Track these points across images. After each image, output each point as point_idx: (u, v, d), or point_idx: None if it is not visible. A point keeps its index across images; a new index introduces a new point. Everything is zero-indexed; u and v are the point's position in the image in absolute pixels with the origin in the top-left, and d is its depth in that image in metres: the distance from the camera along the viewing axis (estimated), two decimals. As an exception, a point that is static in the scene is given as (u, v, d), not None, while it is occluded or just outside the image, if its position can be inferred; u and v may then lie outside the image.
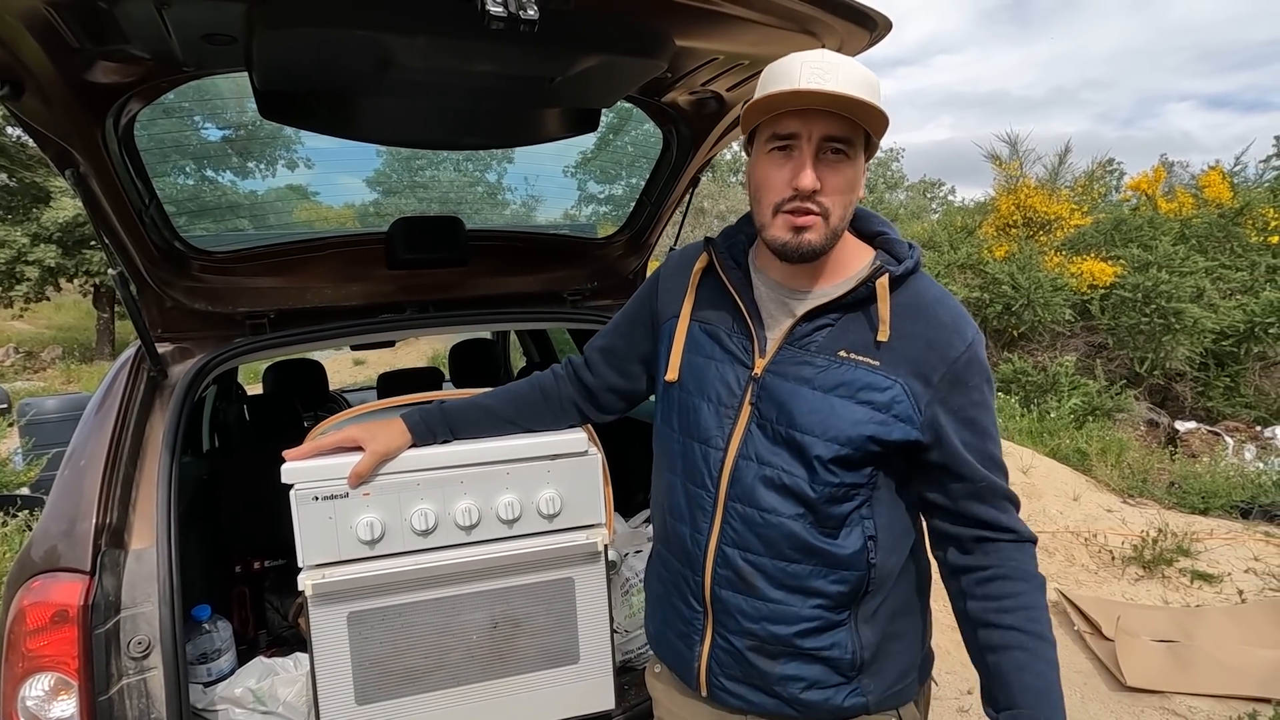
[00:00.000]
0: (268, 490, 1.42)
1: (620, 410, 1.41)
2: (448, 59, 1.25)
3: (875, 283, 1.04)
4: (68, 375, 14.88)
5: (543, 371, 1.44)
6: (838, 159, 0.99)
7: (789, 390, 1.05)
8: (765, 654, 1.10)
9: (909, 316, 1.05)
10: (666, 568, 1.21)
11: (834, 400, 1.03)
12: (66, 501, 1.39)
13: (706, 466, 1.11)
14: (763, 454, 1.06)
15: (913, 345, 1.03)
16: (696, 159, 1.96)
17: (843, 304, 1.06)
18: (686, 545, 1.14)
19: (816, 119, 0.97)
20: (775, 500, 1.05)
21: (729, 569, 1.09)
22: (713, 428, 1.10)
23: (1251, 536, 4.04)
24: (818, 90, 0.93)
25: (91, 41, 1.13)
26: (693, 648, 1.16)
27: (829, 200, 1.00)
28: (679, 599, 1.17)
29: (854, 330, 1.05)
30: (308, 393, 3.31)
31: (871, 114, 0.96)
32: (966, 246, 8.73)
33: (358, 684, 1.40)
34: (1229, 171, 9.58)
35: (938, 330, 1.04)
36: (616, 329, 1.36)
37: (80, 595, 1.27)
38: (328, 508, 1.33)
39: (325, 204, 2.89)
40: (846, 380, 1.03)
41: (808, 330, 1.07)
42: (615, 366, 1.35)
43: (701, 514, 1.11)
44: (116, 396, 1.57)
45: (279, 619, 2.21)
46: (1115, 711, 2.70)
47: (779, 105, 0.97)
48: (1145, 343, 7.32)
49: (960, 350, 1.03)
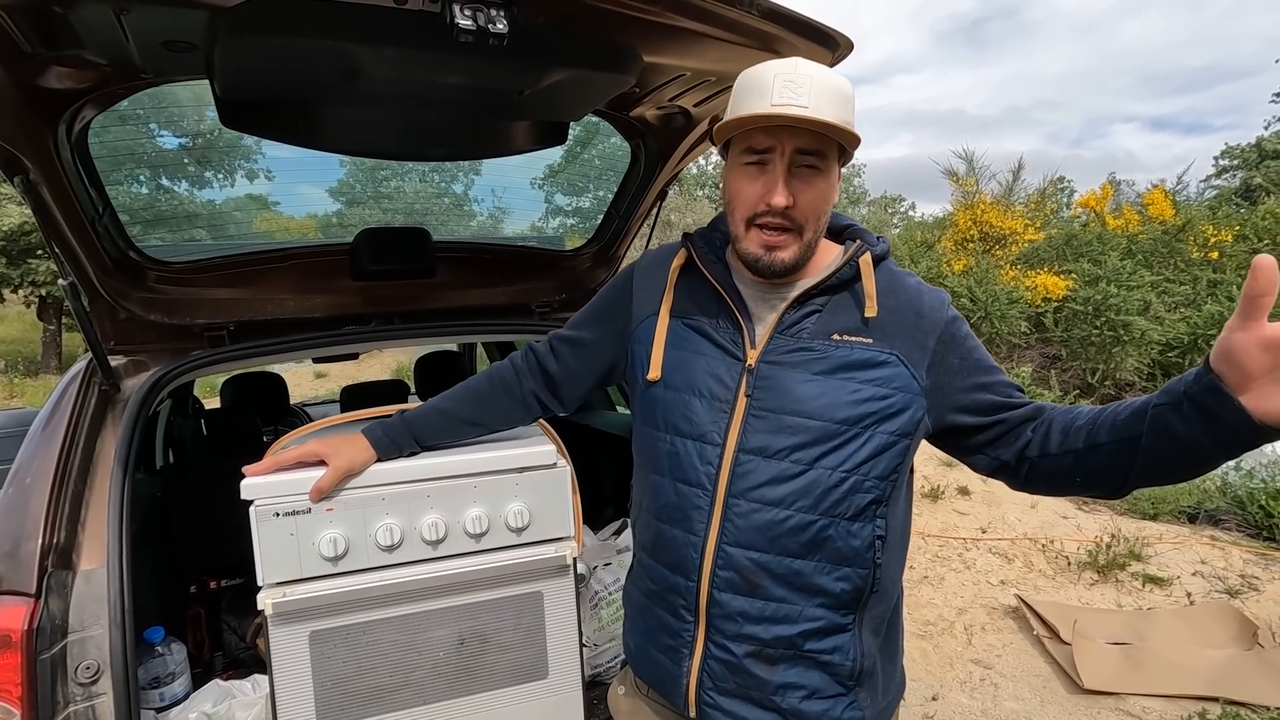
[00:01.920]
0: (225, 507, 1.38)
1: (577, 404, 1.38)
2: (415, 71, 1.24)
3: (859, 260, 1.06)
4: (11, 390, 14.26)
5: (501, 362, 1.39)
6: (811, 173, 1.01)
7: (788, 377, 1.04)
8: (765, 659, 1.06)
9: (891, 294, 1.07)
10: (651, 577, 1.16)
11: (835, 382, 1.02)
12: (10, 521, 1.33)
13: (702, 463, 1.07)
14: (764, 445, 1.04)
15: (902, 318, 1.05)
16: (664, 173, 1.98)
17: (828, 286, 1.07)
18: (679, 549, 1.09)
19: (789, 134, 0.98)
20: (780, 492, 1.03)
21: (731, 569, 1.05)
22: (707, 422, 1.07)
23: (1199, 540, 4.20)
24: (790, 115, 0.95)
25: (45, 46, 1.10)
26: (680, 662, 1.11)
27: (802, 214, 1.01)
28: (665, 610, 1.13)
29: (842, 312, 1.06)
30: (267, 406, 3.23)
31: (844, 134, 0.98)
32: (926, 260, 8.95)
33: (319, 705, 1.36)
34: (1171, 190, 10.04)
35: (920, 300, 1.08)
36: (585, 321, 1.32)
37: (24, 619, 1.22)
38: (289, 524, 1.30)
39: (287, 214, 2.84)
40: (845, 362, 1.03)
41: (797, 317, 1.07)
42: (581, 359, 1.32)
43: (697, 514, 1.07)
44: (66, 411, 1.51)
45: (236, 640, 2.14)
46: (1073, 713, 2.77)
47: (752, 124, 0.99)
48: (1096, 354, 7.59)
49: (949, 315, 1.07)
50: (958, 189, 9.77)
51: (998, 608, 3.59)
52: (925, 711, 2.81)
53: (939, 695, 2.90)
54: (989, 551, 4.17)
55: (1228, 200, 13.27)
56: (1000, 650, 3.24)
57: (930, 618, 3.51)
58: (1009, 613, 3.54)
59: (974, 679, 3.02)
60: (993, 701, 2.87)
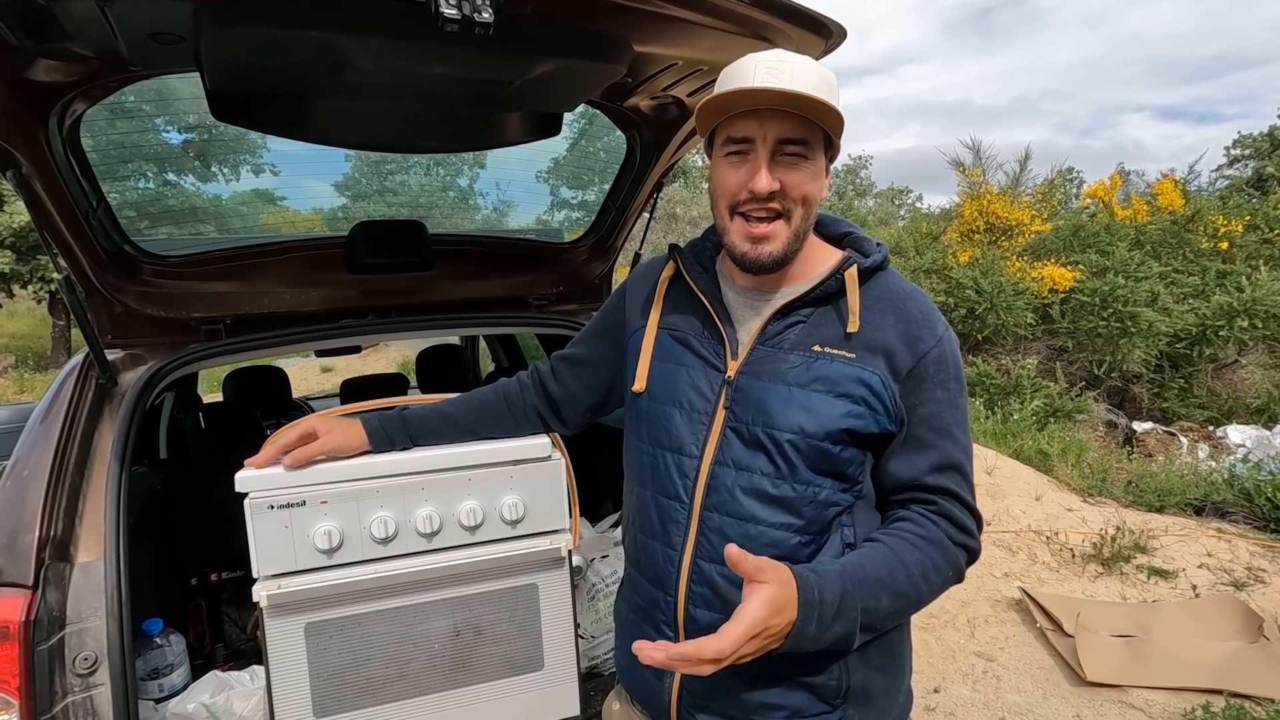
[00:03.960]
0: (224, 500, 1.39)
1: (583, 423, 1.39)
2: (403, 61, 1.24)
3: (844, 274, 1.03)
4: (21, 385, 14.38)
5: (509, 379, 1.41)
6: (795, 160, 0.98)
7: (763, 389, 1.02)
8: (743, 679, 1.02)
9: (879, 310, 1.03)
10: (637, 592, 1.15)
11: (811, 396, 1.00)
12: (8, 514, 1.34)
13: (680, 476, 1.06)
14: (740, 459, 1.02)
15: (884, 337, 1.01)
16: (660, 164, 1.97)
17: (813, 298, 1.04)
18: (658, 563, 1.08)
19: (772, 120, 0.96)
20: (755, 507, 1.01)
21: (705, 585, 1.03)
22: (685, 435, 1.06)
23: (1204, 533, 4.17)
24: (770, 89, 0.92)
25: (31, 39, 1.10)
26: (663, 679, 1.10)
27: (788, 198, 0.99)
28: (649, 625, 1.11)
29: (826, 325, 1.03)
30: (269, 400, 3.23)
31: (827, 112, 0.94)
32: (931, 252, 8.90)
33: (315, 696, 1.37)
34: (1182, 180, 9.93)
35: (908, 324, 1.02)
36: (584, 339, 1.34)
37: (22, 610, 1.23)
38: (284, 516, 1.30)
39: (291, 209, 2.84)
40: (823, 375, 1.00)
41: (780, 328, 1.04)
42: (580, 377, 1.33)
43: (675, 528, 1.06)
44: (63, 405, 1.52)
45: (237, 632, 2.16)
46: (1076, 706, 2.76)
47: (733, 105, 0.96)
48: (1103, 346, 7.53)
49: (930, 345, 1.01)
50: (964, 179, 9.68)
51: (1001, 600, 3.58)
52: (927, 704, 2.80)
53: (941, 687, 2.90)
54: (993, 544, 4.15)
55: (1239, 190, 13.14)
56: (1003, 643, 3.23)
57: (933, 610, 3.50)
58: (1012, 605, 3.52)
59: (976, 671, 3.02)
60: (995, 694, 2.86)
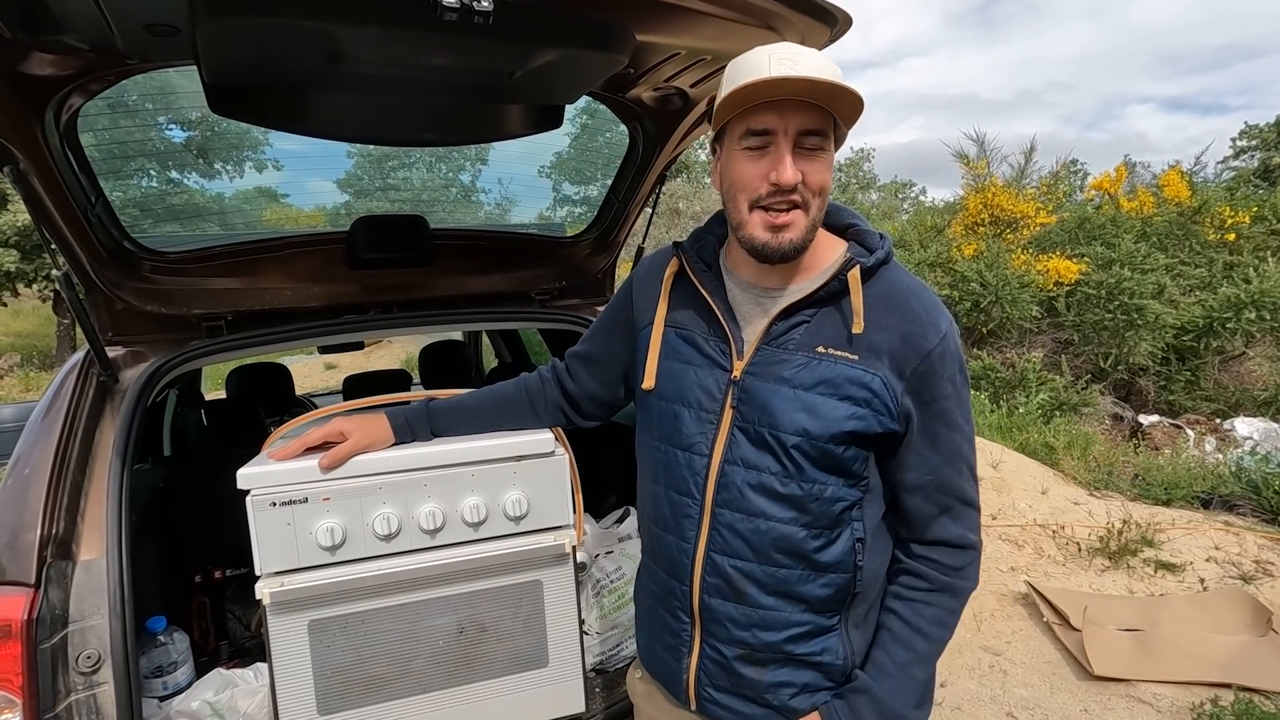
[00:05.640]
0: (227, 497, 1.38)
1: (602, 417, 1.42)
2: (401, 51, 1.22)
3: (847, 275, 1.03)
4: (26, 383, 14.43)
5: (529, 373, 1.44)
6: (815, 152, 0.98)
7: (769, 390, 1.03)
8: (755, 662, 1.09)
9: (883, 308, 1.03)
10: (653, 580, 1.20)
11: (815, 397, 1.01)
12: (9, 512, 1.33)
13: (691, 473, 1.09)
14: (748, 457, 1.04)
15: (888, 337, 1.02)
16: (663, 156, 1.95)
17: (817, 299, 1.04)
18: (673, 555, 1.13)
19: (792, 112, 0.96)
20: (764, 504, 1.04)
21: (718, 577, 1.08)
22: (695, 434, 1.09)
23: (1212, 526, 4.15)
24: (795, 77, 0.92)
25: (24, 31, 1.08)
26: (680, 660, 1.15)
27: (808, 192, 0.99)
28: (666, 611, 1.17)
29: (830, 325, 1.04)
30: (272, 397, 3.23)
31: (846, 99, 0.95)
32: (936, 245, 8.85)
33: (319, 694, 1.36)
34: (1189, 171, 9.85)
35: (912, 322, 1.02)
36: (594, 336, 1.35)
37: (24, 609, 1.23)
38: (286, 513, 1.29)
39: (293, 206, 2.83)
40: (826, 377, 1.01)
41: (784, 329, 1.06)
42: (594, 374, 1.35)
43: (688, 522, 1.10)
44: (64, 402, 1.51)
45: (242, 629, 2.15)
46: (1083, 700, 2.75)
47: (754, 97, 0.95)
48: (1109, 339, 7.49)
49: (934, 343, 1.02)
50: (968, 172, 9.61)
51: (1007, 594, 3.56)
52: (934, 698, 2.79)
53: (947, 682, 2.88)
54: (999, 538, 4.13)
55: (1246, 181, 13.03)
56: (1010, 637, 3.21)
57: (939, 605, 3.48)
58: (1019, 599, 3.51)
59: (983, 666, 3.00)
60: (1002, 688, 2.85)
